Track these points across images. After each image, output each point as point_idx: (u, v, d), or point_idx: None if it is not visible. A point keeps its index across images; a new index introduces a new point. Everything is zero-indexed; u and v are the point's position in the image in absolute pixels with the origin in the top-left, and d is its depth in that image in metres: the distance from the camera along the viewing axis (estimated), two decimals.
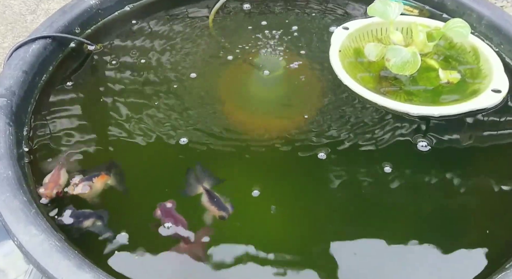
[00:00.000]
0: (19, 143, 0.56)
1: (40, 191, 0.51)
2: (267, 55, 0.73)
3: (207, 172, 0.54)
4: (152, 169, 0.56)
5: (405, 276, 0.46)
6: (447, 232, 0.49)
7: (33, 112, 0.61)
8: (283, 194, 0.53)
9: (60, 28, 0.70)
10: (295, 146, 0.58)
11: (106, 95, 0.66)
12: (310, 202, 0.52)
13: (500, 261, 0.45)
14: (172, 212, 0.49)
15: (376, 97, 0.64)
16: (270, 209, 0.51)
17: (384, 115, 0.62)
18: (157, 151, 0.57)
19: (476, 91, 0.65)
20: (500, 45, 0.70)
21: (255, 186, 0.52)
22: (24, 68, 0.62)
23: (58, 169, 0.53)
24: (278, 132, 0.60)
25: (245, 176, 0.55)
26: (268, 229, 0.50)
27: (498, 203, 0.52)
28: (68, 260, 0.42)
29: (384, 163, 0.55)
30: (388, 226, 0.50)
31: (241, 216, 0.50)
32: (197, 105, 0.64)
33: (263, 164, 0.56)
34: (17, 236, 0.43)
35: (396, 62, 0.67)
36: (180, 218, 0.49)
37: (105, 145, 0.59)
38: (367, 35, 0.75)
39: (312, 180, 0.55)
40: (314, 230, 0.50)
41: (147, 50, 0.73)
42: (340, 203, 0.52)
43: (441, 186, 0.53)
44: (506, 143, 0.60)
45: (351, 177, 0.54)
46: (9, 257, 0.68)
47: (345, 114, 0.62)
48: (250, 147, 0.58)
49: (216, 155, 0.57)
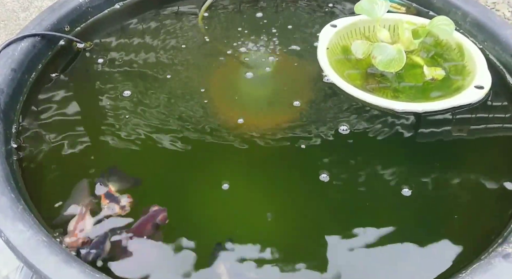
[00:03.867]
0: (7, 141, 0.56)
1: (66, 241, 0.47)
2: (256, 52, 0.73)
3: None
4: (146, 167, 0.56)
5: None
6: (430, 225, 0.51)
7: (22, 110, 0.62)
8: (269, 186, 0.54)
9: (49, 26, 0.70)
10: (281, 140, 0.59)
11: (95, 93, 0.66)
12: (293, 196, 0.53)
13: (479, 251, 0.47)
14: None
15: (362, 94, 0.65)
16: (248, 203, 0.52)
17: (370, 111, 0.63)
18: (149, 149, 0.58)
19: (460, 88, 0.66)
20: (484, 42, 0.71)
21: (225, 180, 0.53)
22: (13, 66, 0.63)
23: (82, 213, 0.49)
24: (267, 128, 0.61)
25: (224, 171, 0.56)
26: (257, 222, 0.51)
27: (479, 197, 0.53)
28: (55, 255, 0.42)
29: (369, 157, 0.56)
30: (374, 219, 0.51)
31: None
32: (185, 102, 0.64)
33: (242, 159, 0.57)
34: (4, 232, 0.44)
35: (382, 60, 0.68)
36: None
37: (95, 143, 0.59)
38: (355, 32, 0.76)
39: (295, 172, 0.56)
40: (295, 222, 0.51)
41: (137, 48, 0.73)
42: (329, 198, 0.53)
43: (425, 180, 0.54)
44: (488, 138, 0.61)
45: (333, 168, 0.55)
46: (0, 255, 0.69)
47: (331, 111, 0.63)
48: (237, 141, 0.58)
49: (208, 151, 0.57)
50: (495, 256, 0.43)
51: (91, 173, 0.54)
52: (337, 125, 0.61)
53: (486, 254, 0.45)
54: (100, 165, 0.56)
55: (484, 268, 0.42)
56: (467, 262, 0.45)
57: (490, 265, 0.42)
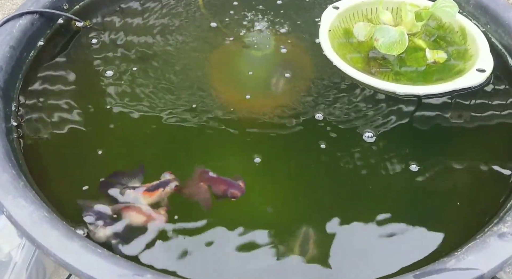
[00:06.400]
0: (7, 118, 0.56)
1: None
2: (258, 33, 0.73)
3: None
4: (142, 148, 0.57)
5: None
6: (428, 207, 0.51)
7: (21, 88, 0.61)
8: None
9: (48, 4, 0.69)
10: (284, 120, 0.59)
11: (94, 72, 0.66)
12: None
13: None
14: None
15: (364, 77, 0.64)
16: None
17: (373, 94, 0.63)
18: (149, 129, 0.58)
19: (462, 71, 0.65)
20: (486, 25, 0.71)
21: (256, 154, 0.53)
22: (11, 43, 0.62)
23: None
24: (271, 108, 0.60)
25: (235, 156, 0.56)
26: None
27: (477, 180, 0.54)
28: (57, 230, 0.43)
29: (368, 134, 0.57)
30: (373, 203, 0.51)
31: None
32: (187, 84, 0.64)
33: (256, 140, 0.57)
34: (7, 207, 0.44)
35: (384, 42, 0.67)
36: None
37: (93, 121, 0.59)
38: (357, 14, 0.75)
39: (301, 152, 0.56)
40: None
41: (137, 27, 0.72)
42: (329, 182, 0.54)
43: (424, 162, 0.55)
44: (488, 121, 0.61)
45: (336, 150, 0.55)
46: (2, 232, 0.70)
47: (333, 93, 0.63)
48: (242, 122, 0.58)
49: (209, 132, 0.57)
50: (491, 235, 0.43)
51: (90, 151, 0.54)
52: (341, 109, 0.61)
53: (482, 234, 0.46)
54: (99, 142, 0.56)
55: (480, 246, 0.42)
56: (462, 242, 0.46)
57: (485, 243, 0.42)
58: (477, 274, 0.40)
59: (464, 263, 0.41)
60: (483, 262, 0.41)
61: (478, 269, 0.40)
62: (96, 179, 0.52)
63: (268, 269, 0.45)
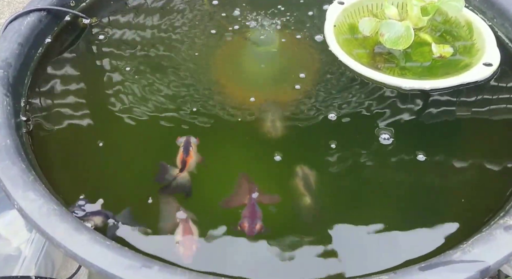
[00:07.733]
0: (16, 114, 0.57)
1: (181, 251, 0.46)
2: (263, 29, 0.73)
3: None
4: (147, 145, 0.57)
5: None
6: (434, 201, 0.51)
7: (30, 84, 0.62)
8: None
9: (55, 1, 0.69)
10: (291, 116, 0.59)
11: (101, 69, 0.66)
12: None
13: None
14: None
15: (370, 72, 0.64)
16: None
17: (379, 89, 0.63)
18: (154, 126, 0.58)
19: (468, 65, 0.65)
20: (493, 19, 0.70)
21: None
22: (20, 40, 0.63)
23: (186, 222, 0.48)
24: (278, 104, 0.61)
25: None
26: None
27: (482, 174, 0.54)
28: (66, 223, 0.43)
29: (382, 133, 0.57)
30: (378, 196, 0.52)
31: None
32: (194, 80, 0.64)
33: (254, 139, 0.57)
34: (17, 200, 0.45)
35: (389, 37, 0.67)
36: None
37: (100, 118, 0.60)
38: (362, 10, 0.75)
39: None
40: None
41: (143, 24, 0.73)
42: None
43: (431, 155, 0.55)
44: (495, 115, 0.61)
45: (345, 146, 0.55)
46: (11, 226, 0.71)
47: (339, 88, 0.63)
48: (246, 117, 0.59)
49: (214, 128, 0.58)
50: (496, 228, 0.43)
51: (96, 146, 0.55)
52: (348, 105, 0.61)
53: (488, 227, 0.46)
54: (106, 138, 0.56)
55: (485, 239, 0.42)
56: (468, 234, 0.46)
57: (491, 236, 0.42)
58: (483, 266, 0.40)
59: (470, 255, 0.41)
60: (489, 254, 0.41)
61: (484, 261, 0.40)
62: (103, 173, 0.53)
63: (275, 265, 0.45)
